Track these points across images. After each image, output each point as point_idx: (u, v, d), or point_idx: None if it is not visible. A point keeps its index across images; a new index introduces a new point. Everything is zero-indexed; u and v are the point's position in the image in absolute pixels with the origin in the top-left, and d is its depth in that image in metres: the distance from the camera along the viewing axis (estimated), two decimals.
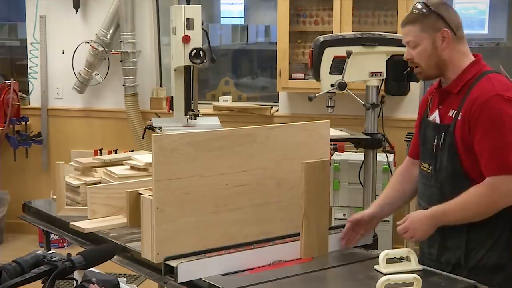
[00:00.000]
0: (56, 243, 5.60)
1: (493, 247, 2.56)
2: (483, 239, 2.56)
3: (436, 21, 2.57)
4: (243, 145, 2.59)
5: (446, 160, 2.57)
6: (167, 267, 2.40)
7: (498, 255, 2.56)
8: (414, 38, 2.61)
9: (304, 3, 5.48)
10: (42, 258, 1.92)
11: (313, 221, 2.57)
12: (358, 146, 4.60)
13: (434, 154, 2.62)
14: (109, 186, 3.06)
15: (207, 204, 2.52)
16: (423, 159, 2.71)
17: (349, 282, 2.48)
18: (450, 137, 2.55)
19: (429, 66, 2.61)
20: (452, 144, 2.54)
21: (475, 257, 2.56)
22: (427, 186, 2.68)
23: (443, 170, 2.59)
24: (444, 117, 2.62)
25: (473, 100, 2.50)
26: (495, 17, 10.11)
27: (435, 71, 2.63)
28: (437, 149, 2.60)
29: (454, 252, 2.58)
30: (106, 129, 5.96)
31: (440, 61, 2.59)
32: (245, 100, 6.39)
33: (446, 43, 2.57)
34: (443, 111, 2.63)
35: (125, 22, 5.65)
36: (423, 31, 2.58)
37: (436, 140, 2.61)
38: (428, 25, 2.58)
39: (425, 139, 2.70)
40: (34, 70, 6.00)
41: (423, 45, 2.59)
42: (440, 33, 2.56)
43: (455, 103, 2.58)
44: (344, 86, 4.24)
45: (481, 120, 2.47)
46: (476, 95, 2.50)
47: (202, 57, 4.60)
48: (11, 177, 6.09)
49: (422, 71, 2.64)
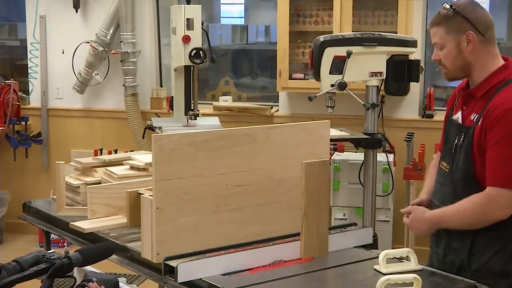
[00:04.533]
0: (56, 243, 5.60)
1: (499, 252, 2.55)
2: (490, 243, 2.55)
3: (462, 24, 2.55)
4: (243, 145, 2.59)
5: (461, 161, 2.57)
6: (167, 267, 2.40)
7: (504, 261, 2.55)
8: (440, 40, 2.59)
9: (304, 3, 5.48)
10: (41, 257, 1.93)
11: (313, 221, 2.57)
12: (358, 146, 4.60)
13: (452, 154, 2.62)
14: (109, 186, 3.06)
15: (207, 204, 2.52)
16: (443, 157, 2.71)
17: (349, 282, 2.48)
18: (469, 140, 2.54)
19: (454, 68, 2.60)
20: (469, 146, 2.54)
21: (479, 260, 2.56)
22: (442, 185, 2.68)
23: (458, 171, 2.59)
24: (465, 119, 2.61)
25: (494, 107, 2.48)
26: (495, 17, 10.09)
27: (460, 73, 2.62)
28: (456, 149, 2.60)
29: (458, 254, 2.58)
30: (106, 129, 5.96)
31: (466, 63, 2.58)
32: (245, 100, 6.39)
33: (472, 45, 2.55)
34: (465, 113, 2.63)
35: (125, 22, 5.65)
36: (448, 33, 2.57)
37: (456, 139, 2.60)
38: (453, 27, 2.56)
39: (447, 137, 2.70)
40: (34, 70, 6.00)
41: (449, 47, 2.58)
42: (465, 35, 2.54)
43: (478, 107, 2.56)
44: (344, 86, 4.24)
45: (497, 129, 2.45)
46: (498, 103, 2.48)
47: (202, 57, 4.60)
48: (11, 177, 6.09)
49: (448, 72, 2.63)
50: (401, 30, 5.09)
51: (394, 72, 4.46)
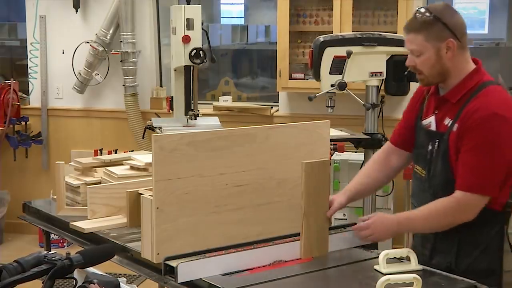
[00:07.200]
0: (56, 243, 5.59)
1: (485, 251, 2.56)
2: (475, 244, 2.57)
3: (442, 31, 2.50)
4: (243, 145, 2.59)
5: (440, 168, 2.57)
6: (167, 267, 2.39)
7: (490, 260, 2.56)
8: (418, 47, 2.53)
9: (304, 3, 5.49)
10: (43, 258, 1.93)
11: (313, 221, 2.57)
12: (358, 146, 4.60)
13: (428, 160, 2.62)
14: (109, 186, 3.06)
15: (207, 204, 2.52)
16: (417, 161, 2.71)
17: (349, 282, 2.48)
18: (445, 146, 2.54)
19: (432, 74, 2.57)
20: (446, 153, 2.54)
21: (466, 261, 2.57)
22: (421, 190, 2.68)
23: (437, 177, 2.59)
24: (439, 124, 2.60)
25: (470, 114, 2.48)
26: (495, 17, 10.11)
27: (437, 78, 2.59)
28: (431, 155, 2.60)
29: (445, 257, 2.59)
30: (106, 129, 5.96)
31: (444, 69, 2.55)
32: (245, 100, 6.39)
33: (451, 52, 2.52)
34: (439, 117, 2.61)
35: (125, 22, 5.65)
36: (427, 40, 2.51)
37: (430, 146, 2.60)
38: (433, 34, 2.50)
39: (418, 143, 2.69)
40: (34, 70, 6.00)
41: (427, 55, 2.53)
42: (446, 43, 2.50)
43: (452, 112, 2.55)
44: (344, 86, 4.24)
45: (473, 134, 2.46)
46: (473, 109, 2.47)
47: (202, 57, 4.60)
48: (11, 177, 6.09)
49: (425, 78, 2.59)
50: (401, 30, 5.06)
51: (394, 72, 4.46)
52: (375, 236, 2.59)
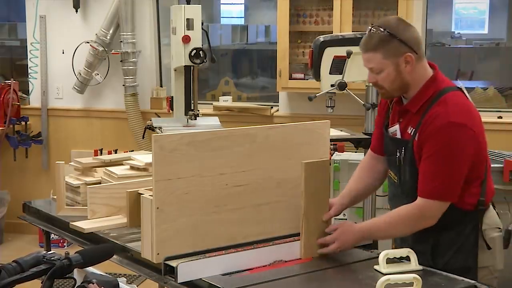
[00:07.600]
0: (56, 243, 5.59)
1: (460, 250, 2.61)
2: (450, 243, 2.61)
3: (399, 46, 2.54)
4: (243, 145, 2.59)
5: (408, 174, 2.63)
6: (167, 267, 2.40)
7: (464, 258, 2.61)
8: (378, 65, 2.57)
9: (304, 3, 5.48)
10: (42, 258, 1.92)
11: (313, 221, 2.58)
12: (358, 146, 4.59)
13: (397, 167, 2.67)
14: (109, 186, 3.06)
15: (207, 204, 2.52)
16: (390, 166, 2.77)
17: (349, 282, 2.48)
18: (410, 153, 2.60)
19: (393, 89, 2.61)
20: (412, 159, 2.60)
21: (442, 260, 2.61)
22: (395, 195, 2.75)
23: (407, 182, 2.64)
24: (404, 133, 2.66)
25: (428, 123, 2.53)
26: (495, 17, 10.11)
27: (398, 92, 2.64)
28: (400, 162, 2.65)
29: (422, 256, 2.60)
30: (106, 129, 5.96)
31: (404, 83, 2.59)
32: (245, 100, 6.39)
33: (410, 66, 2.56)
34: (403, 126, 2.67)
35: (125, 22, 5.65)
36: (386, 58, 2.55)
37: (398, 153, 2.65)
38: (391, 51, 2.54)
39: (388, 150, 2.75)
40: (34, 70, 6.00)
41: (387, 71, 2.57)
42: (404, 57, 2.54)
43: (414, 121, 2.61)
44: (344, 86, 4.24)
45: (430, 143, 2.51)
46: (431, 118, 2.52)
47: (202, 57, 4.60)
48: (11, 177, 6.09)
49: (386, 92, 2.65)
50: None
51: None
52: (342, 248, 2.61)
